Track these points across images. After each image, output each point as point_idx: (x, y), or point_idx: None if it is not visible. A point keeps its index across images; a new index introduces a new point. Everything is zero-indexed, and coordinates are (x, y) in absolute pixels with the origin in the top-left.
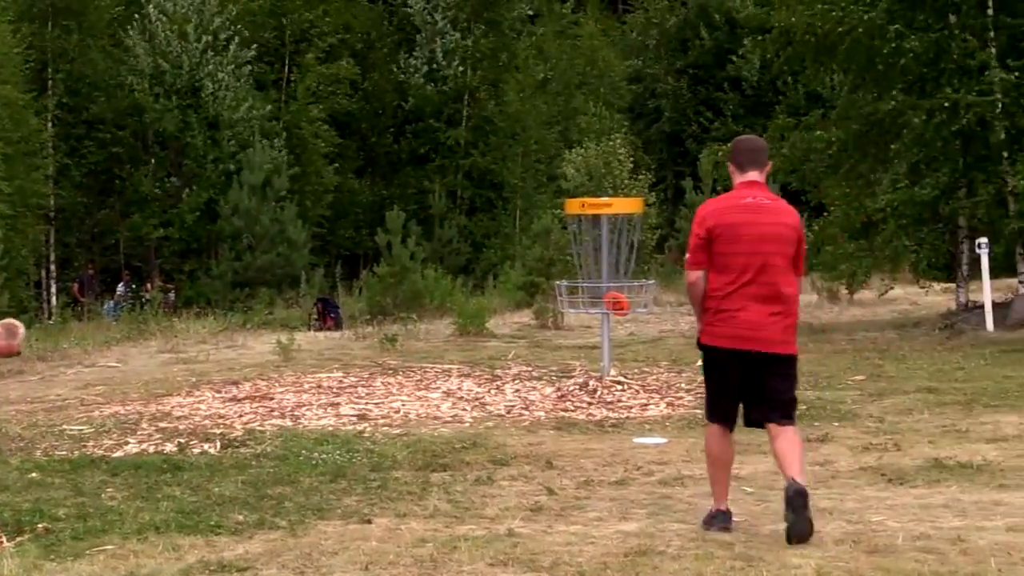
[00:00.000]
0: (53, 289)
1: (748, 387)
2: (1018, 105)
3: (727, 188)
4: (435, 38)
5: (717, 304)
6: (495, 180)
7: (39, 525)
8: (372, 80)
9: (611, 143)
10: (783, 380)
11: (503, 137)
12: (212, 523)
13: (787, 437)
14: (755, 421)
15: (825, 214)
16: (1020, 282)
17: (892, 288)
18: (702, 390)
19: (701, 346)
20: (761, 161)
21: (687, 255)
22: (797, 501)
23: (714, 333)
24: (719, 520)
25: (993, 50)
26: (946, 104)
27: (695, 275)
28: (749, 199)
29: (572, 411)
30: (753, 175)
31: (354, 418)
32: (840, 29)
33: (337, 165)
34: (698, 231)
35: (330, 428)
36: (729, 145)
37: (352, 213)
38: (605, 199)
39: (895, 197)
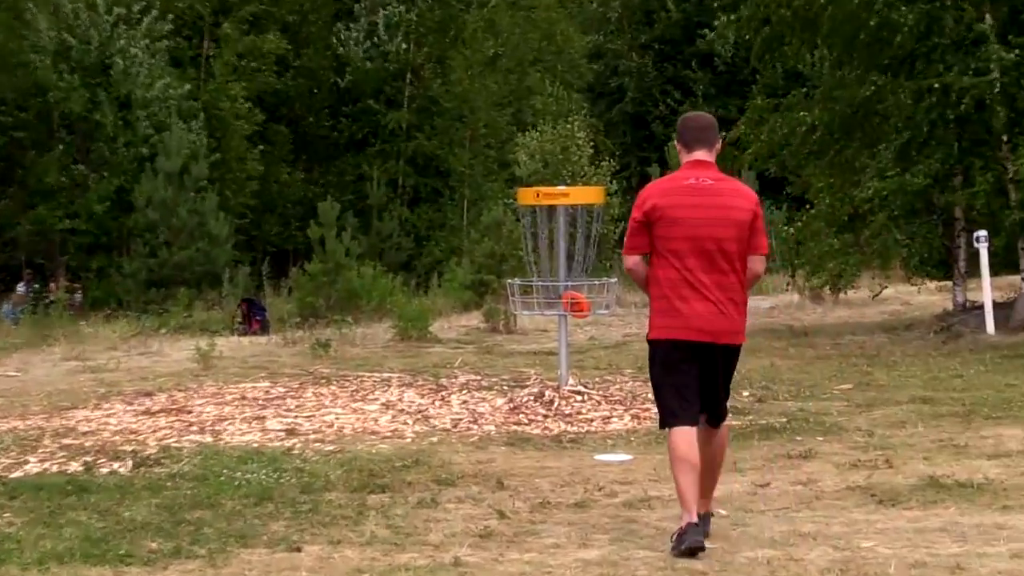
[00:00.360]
0: None
1: (701, 376)
2: (1018, 86)
3: None
4: (376, 9)
5: (662, 293)
6: (441, 167)
7: None
8: (305, 56)
9: (569, 126)
10: (728, 374)
11: (449, 119)
12: (122, 552)
13: (719, 443)
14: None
15: (808, 207)
16: (1023, 279)
17: (886, 288)
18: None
19: (650, 342)
20: (709, 139)
21: (626, 239)
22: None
23: (665, 325)
24: (691, 535)
25: (992, 22)
26: (936, 86)
27: (632, 260)
28: (692, 180)
29: (526, 425)
30: (700, 154)
31: (282, 433)
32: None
33: (263, 150)
34: (635, 214)
35: (255, 445)
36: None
37: (281, 204)
38: (562, 188)
39: (883, 186)
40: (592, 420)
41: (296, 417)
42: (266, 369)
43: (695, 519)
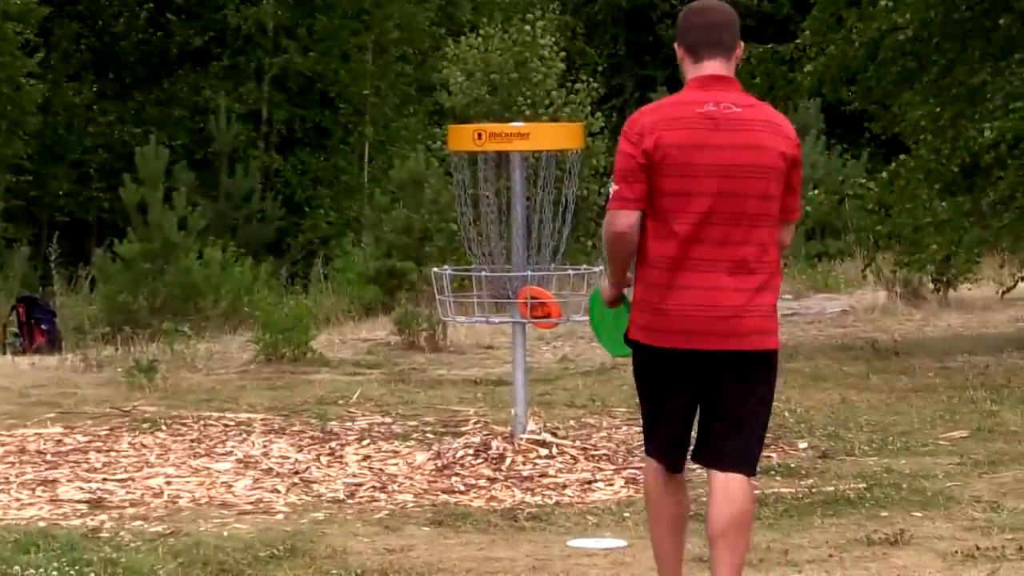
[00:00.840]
0: None
1: (704, 403)
2: None
3: None
4: None
5: (655, 278)
6: (327, 91)
7: None
8: None
9: (528, 28)
10: (756, 391)
11: (341, 19)
12: None
13: (734, 498)
14: (703, 458)
15: (900, 155)
16: None
17: (1022, 280)
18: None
19: (630, 342)
20: (726, 41)
21: (612, 187)
22: None
23: (652, 325)
24: None
25: None
26: None
27: (626, 221)
28: (710, 106)
29: (462, 493)
30: (714, 66)
31: (83, 506)
32: None
33: (46, 65)
34: (630, 150)
35: (41, 524)
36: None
37: (75, 149)
38: (518, 125)
39: (1012, 124)
40: (565, 486)
41: (105, 481)
42: (57, 406)
43: None
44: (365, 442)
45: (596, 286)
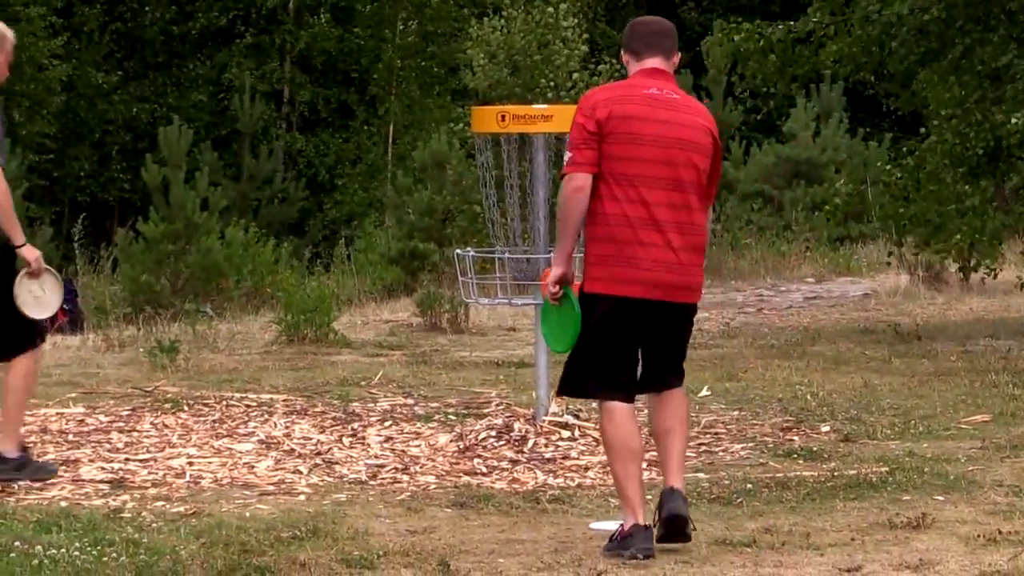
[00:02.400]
0: None
1: (650, 343)
2: None
3: (751, 91)
4: None
5: (610, 234)
6: (350, 71)
7: None
8: None
9: (551, 10)
10: (687, 332)
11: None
12: None
13: (678, 405)
14: (651, 388)
15: (920, 137)
16: None
17: None
18: (710, 435)
19: (585, 296)
20: (666, 46)
21: (566, 154)
22: (675, 527)
23: (613, 277)
24: (639, 540)
25: None
26: None
27: (581, 179)
28: (653, 90)
29: (484, 475)
30: (655, 61)
31: (105, 487)
32: None
33: (68, 47)
34: (584, 122)
35: (63, 504)
36: (755, 22)
37: (98, 130)
38: (541, 107)
39: None
40: (587, 468)
41: (127, 461)
42: (79, 386)
43: (642, 520)
44: (387, 423)
45: (544, 299)
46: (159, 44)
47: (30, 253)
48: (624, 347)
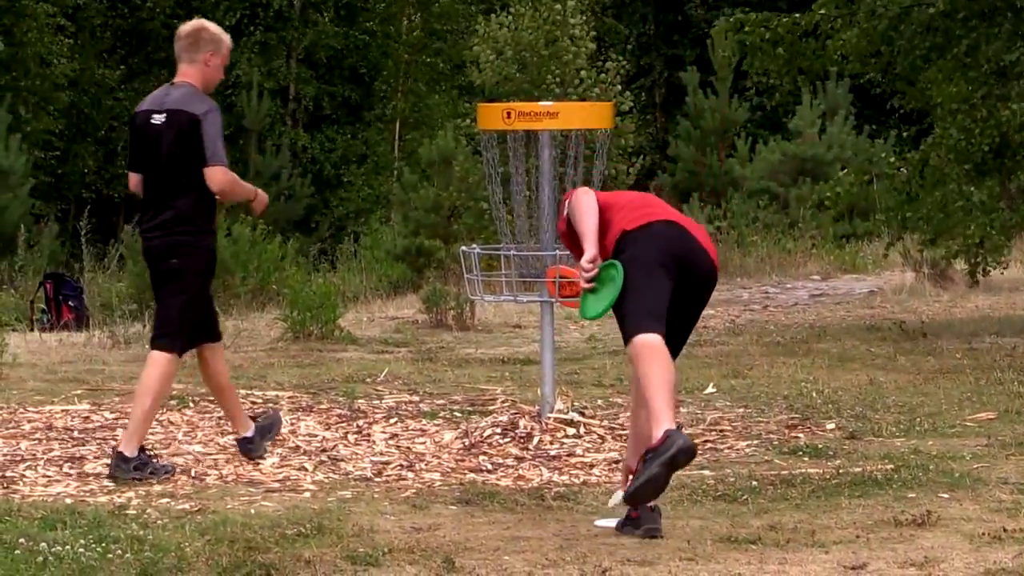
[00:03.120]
0: None
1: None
2: None
3: (756, 87)
4: None
5: (627, 210)
6: (358, 68)
7: None
8: None
9: (559, 6)
10: (703, 305)
11: None
12: None
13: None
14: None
15: (926, 135)
16: None
17: None
18: (715, 432)
19: (627, 235)
20: None
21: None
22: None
23: (636, 218)
24: (683, 450)
25: None
26: None
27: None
28: None
29: (489, 472)
30: None
31: (110, 483)
32: None
33: (73, 43)
34: None
35: (68, 500)
36: (763, 13)
37: (103, 127)
38: (547, 104)
39: None
40: (592, 465)
41: None
42: (84, 383)
43: (673, 424)
44: (392, 420)
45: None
46: (163, 40)
47: None
48: (660, 286)
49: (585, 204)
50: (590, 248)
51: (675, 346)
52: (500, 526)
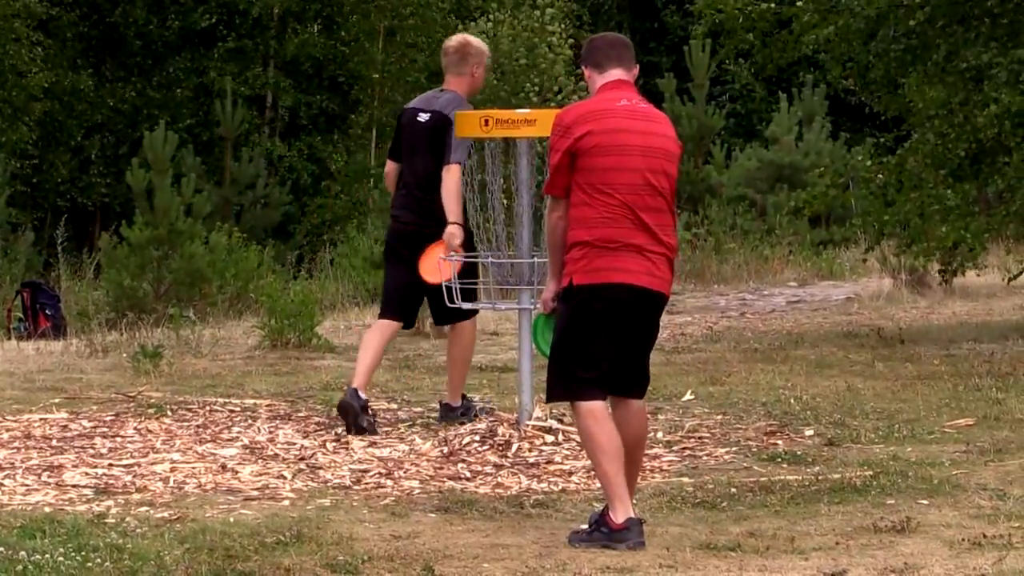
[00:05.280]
0: None
1: (622, 339)
2: None
3: (745, 91)
4: None
5: (592, 235)
6: (337, 76)
7: None
8: None
9: (537, 13)
10: (656, 333)
11: (352, 2)
12: None
13: (643, 422)
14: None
15: (902, 133)
16: None
17: None
18: (693, 439)
19: (573, 289)
20: (624, 58)
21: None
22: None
23: (598, 267)
24: (633, 533)
25: None
26: None
27: (560, 207)
28: (624, 101)
29: (467, 480)
30: (618, 73)
31: (88, 492)
32: None
33: (47, 49)
34: (561, 143)
35: (47, 509)
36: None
37: (77, 135)
38: (524, 112)
39: (1015, 100)
40: (571, 473)
41: (110, 467)
42: (63, 391)
43: (634, 513)
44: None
45: (537, 314)
46: (136, 47)
47: None
48: (606, 342)
49: (556, 235)
50: (554, 280)
51: (639, 378)
52: (479, 534)
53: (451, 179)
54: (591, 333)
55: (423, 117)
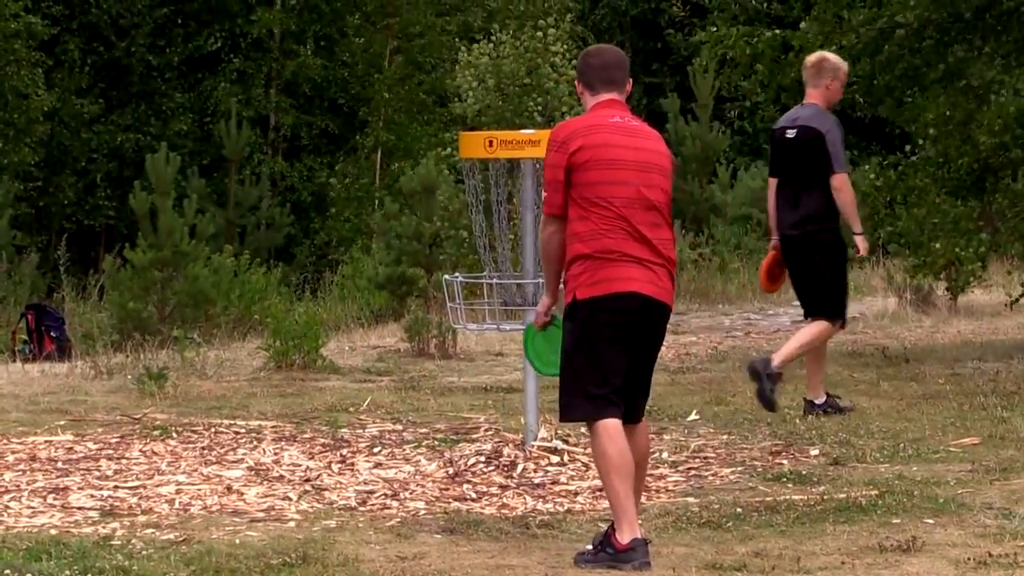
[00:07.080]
0: None
1: (630, 349)
2: None
3: (750, 109)
4: None
5: (591, 247)
6: (339, 98)
7: None
8: None
9: (540, 34)
10: (659, 346)
11: (355, 24)
12: None
13: (646, 440)
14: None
15: (906, 153)
16: None
17: None
18: (699, 459)
19: (577, 304)
20: (618, 78)
21: (544, 195)
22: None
23: (600, 279)
24: (640, 554)
25: None
26: None
27: (554, 224)
28: (616, 118)
29: (473, 501)
30: (612, 94)
31: (94, 514)
32: None
33: (52, 74)
34: (556, 159)
35: (52, 531)
36: (742, 29)
37: (83, 159)
38: (529, 132)
39: (1016, 106)
40: (576, 493)
41: (116, 489)
42: (67, 413)
43: (640, 534)
44: (376, 449)
45: (528, 325)
46: (141, 73)
47: None
48: (615, 356)
49: (548, 250)
50: (548, 295)
51: (642, 388)
52: (485, 555)
53: (844, 188)
54: (600, 346)
55: (790, 134)
